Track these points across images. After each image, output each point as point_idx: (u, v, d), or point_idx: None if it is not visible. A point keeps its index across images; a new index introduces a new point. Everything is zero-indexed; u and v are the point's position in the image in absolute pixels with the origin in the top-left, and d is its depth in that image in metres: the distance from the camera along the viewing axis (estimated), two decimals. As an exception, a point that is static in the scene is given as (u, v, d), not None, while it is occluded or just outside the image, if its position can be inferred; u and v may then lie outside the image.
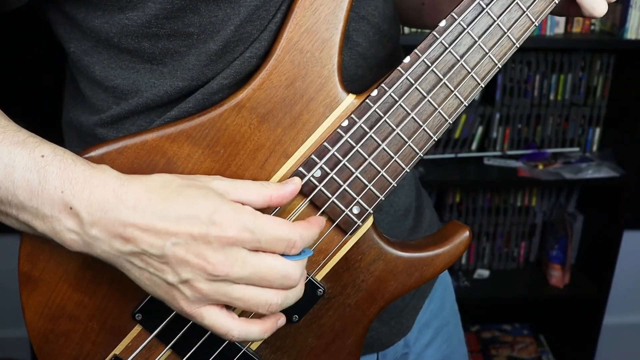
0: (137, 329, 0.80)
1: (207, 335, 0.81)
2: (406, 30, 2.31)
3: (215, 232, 0.66)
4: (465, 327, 1.23)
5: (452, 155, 2.57)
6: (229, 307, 0.71)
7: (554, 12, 0.85)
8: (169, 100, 0.80)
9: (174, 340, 0.80)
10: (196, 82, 0.79)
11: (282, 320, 0.76)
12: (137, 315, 0.79)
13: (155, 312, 0.79)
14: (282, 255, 0.70)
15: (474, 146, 2.61)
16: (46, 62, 2.08)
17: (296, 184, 0.75)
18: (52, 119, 0.94)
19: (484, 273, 2.75)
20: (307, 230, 0.72)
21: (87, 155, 0.75)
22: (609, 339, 2.81)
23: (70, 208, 0.67)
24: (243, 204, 0.70)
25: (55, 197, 0.67)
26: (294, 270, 0.70)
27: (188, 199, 0.68)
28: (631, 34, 2.32)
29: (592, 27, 2.44)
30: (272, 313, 0.71)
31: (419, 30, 2.31)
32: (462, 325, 1.24)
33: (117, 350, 0.81)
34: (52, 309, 0.79)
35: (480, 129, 2.58)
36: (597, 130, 2.61)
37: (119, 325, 0.80)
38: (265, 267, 0.69)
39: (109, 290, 0.79)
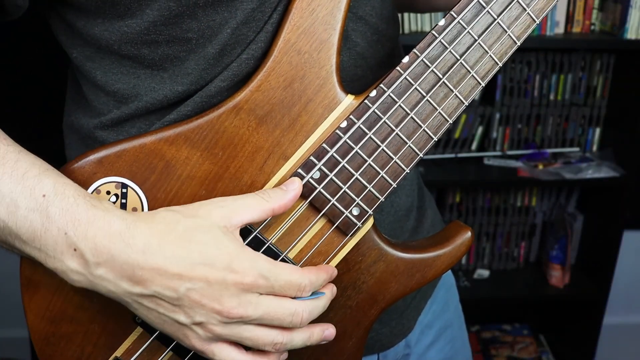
0: (138, 331, 0.80)
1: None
2: (406, 29, 2.31)
3: (233, 278, 0.68)
4: (465, 327, 1.23)
5: (452, 155, 2.57)
6: None
7: None
8: (168, 104, 0.80)
9: (175, 342, 0.80)
10: (195, 86, 0.79)
11: (284, 355, 0.78)
12: (137, 317, 0.79)
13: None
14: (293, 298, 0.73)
15: (474, 146, 2.61)
16: (46, 64, 2.08)
17: (297, 188, 0.75)
18: (53, 121, 0.94)
19: (484, 273, 2.75)
20: (317, 275, 0.75)
21: (86, 159, 0.75)
22: (609, 339, 2.81)
23: (75, 250, 0.67)
24: (248, 224, 0.73)
25: (58, 238, 0.67)
26: (302, 309, 0.73)
27: (200, 246, 0.69)
28: (631, 34, 2.32)
29: (592, 27, 2.44)
30: (279, 352, 0.75)
31: (419, 29, 2.31)
32: (462, 326, 1.23)
33: (118, 353, 0.80)
34: (54, 312, 0.79)
35: (480, 129, 2.57)
36: (597, 130, 2.61)
37: (119, 328, 0.80)
38: (275, 307, 0.71)
39: (109, 292, 0.78)
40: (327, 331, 0.78)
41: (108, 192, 0.75)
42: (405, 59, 0.76)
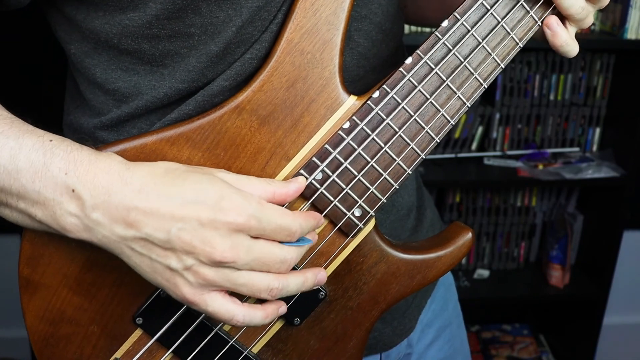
0: (138, 332, 0.80)
1: (208, 338, 0.80)
2: (406, 29, 2.30)
3: (223, 218, 0.66)
4: (465, 327, 1.23)
5: (452, 155, 2.56)
6: (230, 292, 0.71)
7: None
8: (169, 102, 0.79)
9: (176, 344, 0.79)
10: (196, 84, 0.78)
11: (283, 308, 0.75)
12: (137, 319, 0.79)
13: (156, 316, 0.78)
14: (282, 243, 0.71)
15: (474, 146, 2.60)
16: (46, 61, 2.07)
17: (300, 182, 0.75)
18: (52, 120, 0.93)
19: (484, 273, 2.75)
20: (306, 221, 0.72)
21: None
22: (609, 339, 2.81)
23: (73, 191, 0.66)
24: None
25: (58, 179, 0.66)
26: (291, 256, 0.70)
27: (194, 184, 0.67)
28: (631, 34, 2.31)
29: (592, 27, 2.44)
30: (274, 298, 0.71)
31: (419, 29, 2.31)
32: (463, 325, 1.23)
33: (117, 354, 0.80)
34: (53, 313, 0.78)
35: (480, 129, 2.57)
36: (597, 130, 2.60)
37: (119, 329, 0.80)
38: (266, 253, 0.69)
39: (109, 294, 0.78)
40: (320, 275, 0.75)
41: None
42: (409, 60, 0.76)
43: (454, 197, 2.66)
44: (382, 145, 0.77)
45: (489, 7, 0.76)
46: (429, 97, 0.77)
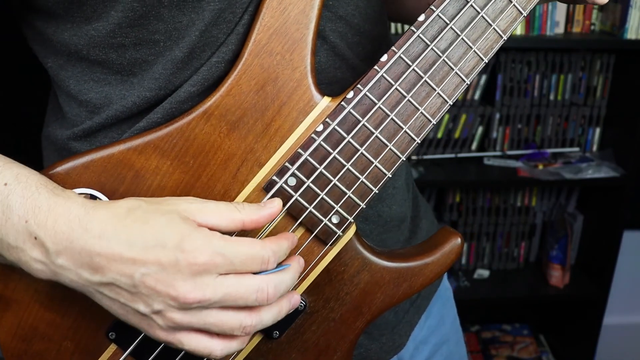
0: (112, 347, 0.78)
1: (183, 352, 0.77)
2: (399, 29, 2.28)
3: (185, 259, 0.64)
4: (465, 327, 1.20)
5: (452, 155, 2.56)
6: None
7: None
8: (138, 111, 0.77)
9: (150, 358, 0.77)
10: (164, 92, 0.76)
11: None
12: (110, 333, 0.76)
13: (128, 330, 0.76)
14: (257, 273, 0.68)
15: (474, 146, 2.60)
16: (31, 74, 2.05)
17: (275, 207, 0.71)
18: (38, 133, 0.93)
19: (484, 273, 2.75)
20: (278, 245, 0.70)
21: (53, 171, 0.73)
22: (609, 339, 2.82)
23: (35, 238, 0.65)
24: (211, 228, 0.67)
25: (19, 227, 0.66)
26: (265, 284, 0.67)
27: (154, 227, 0.65)
28: (631, 34, 2.32)
29: (592, 27, 2.44)
30: (248, 335, 0.69)
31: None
32: (462, 325, 1.20)
33: (92, 370, 0.78)
34: (25, 329, 0.76)
35: (480, 129, 2.56)
36: (597, 130, 2.60)
37: (93, 344, 0.77)
38: (236, 285, 0.66)
39: (81, 309, 0.76)
40: (294, 299, 0.73)
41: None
42: (384, 57, 0.73)
43: (454, 197, 2.66)
44: (359, 147, 0.74)
45: None
46: (406, 95, 0.73)
